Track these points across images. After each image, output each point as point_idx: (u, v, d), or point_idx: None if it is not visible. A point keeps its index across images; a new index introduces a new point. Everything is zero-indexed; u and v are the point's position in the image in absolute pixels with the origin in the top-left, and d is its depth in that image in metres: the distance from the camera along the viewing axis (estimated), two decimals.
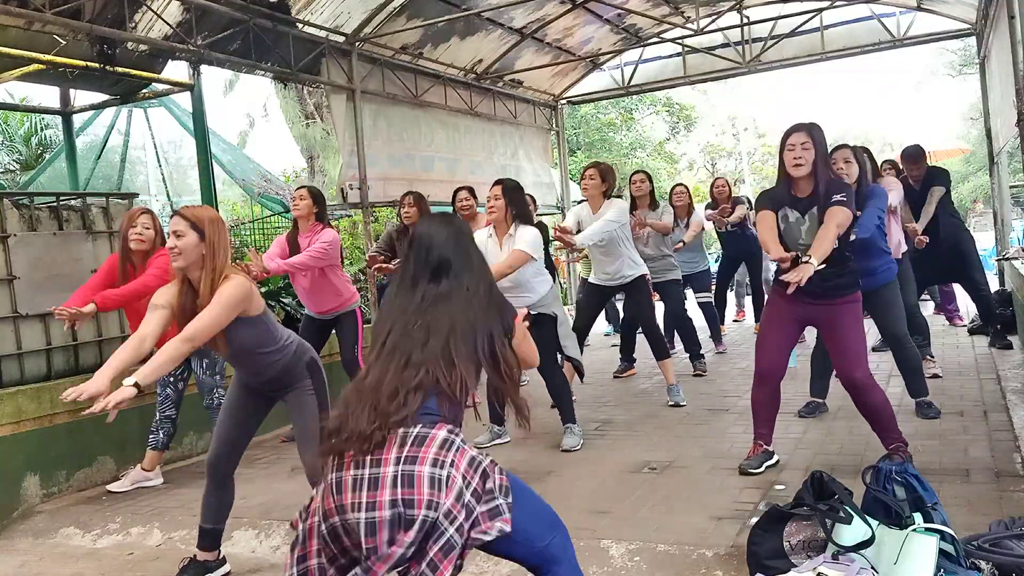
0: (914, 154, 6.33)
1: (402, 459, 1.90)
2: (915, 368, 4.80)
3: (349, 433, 1.97)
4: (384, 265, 5.92)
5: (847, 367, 3.80)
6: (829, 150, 4.23)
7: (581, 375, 5.00)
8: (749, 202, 8.20)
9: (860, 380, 3.79)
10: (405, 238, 6.02)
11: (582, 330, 5.66)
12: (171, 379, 4.75)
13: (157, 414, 4.80)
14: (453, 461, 1.92)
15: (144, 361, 2.90)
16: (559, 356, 4.92)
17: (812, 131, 3.69)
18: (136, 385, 2.70)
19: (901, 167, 6.62)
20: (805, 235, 3.73)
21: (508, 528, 1.96)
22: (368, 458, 1.92)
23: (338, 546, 1.98)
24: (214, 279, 3.02)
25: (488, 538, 1.95)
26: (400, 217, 6.18)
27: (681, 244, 7.11)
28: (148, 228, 4.59)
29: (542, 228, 6.47)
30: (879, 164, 5.98)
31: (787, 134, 3.74)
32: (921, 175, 6.26)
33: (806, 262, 3.49)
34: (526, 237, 4.60)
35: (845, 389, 3.90)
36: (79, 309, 4.31)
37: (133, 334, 3.02)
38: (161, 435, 4.79)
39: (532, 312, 4.65)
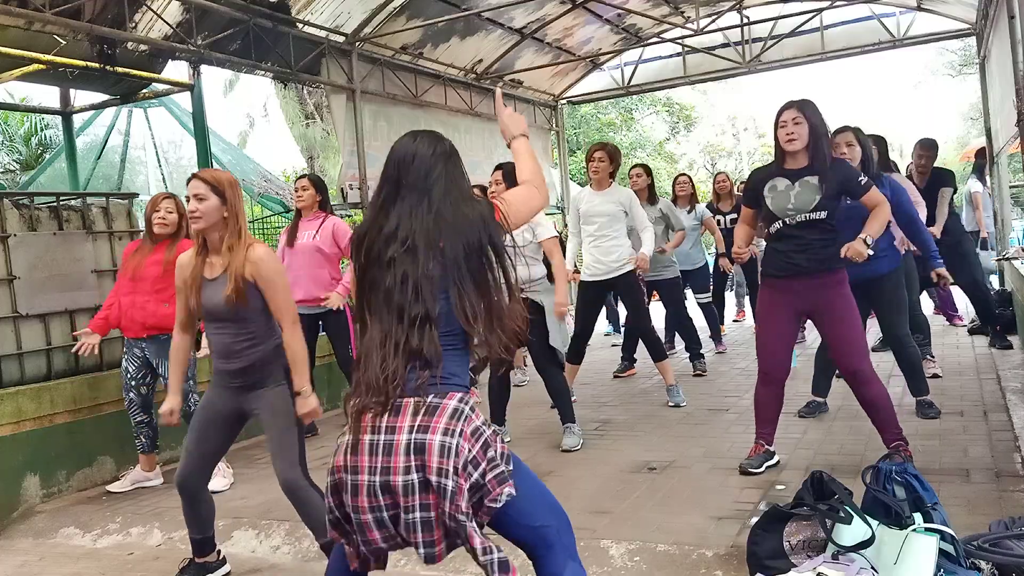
0: (931, 144, 6.37)
1: (415, 428, 1.97)
2: (916, 368, 4.80)
3: (368, 389, 2.01)
4: None
5: (847, 359, 3.79)
6: (832, 132, 4.27)
7: (560, 365, 5.00)
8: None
9: (861, 371, 3.78)
10: None
11: (583, 333, 5.63)
12: (132, 383, 4.65)
13: (131, 420, 4.75)
14: (462, 431, 1.98)
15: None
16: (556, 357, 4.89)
17: (803, 107, 3.75)
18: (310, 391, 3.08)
19: (914, 155, 6.59)
20: (795, 200, 3.74)
21: (514, 492, 2.02)
22: (384, 424, 1.98)
23: (335, 499, 2.06)
24: (234, 240, 3.05)
25: (499, 504, 2.00)
26: None
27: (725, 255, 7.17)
28: (171, 212, 4.57)
29: None
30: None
31: (779, 112, 3.80)
32: (930, 166, 6.29)
33: (862, 239, 3.59)
34: (544, 223, 4.70)
35: (846, 381, 3.89)
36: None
37: (175, 343, 3.31)
38: (143, 439, 4.76)
39: (526, 295, 4.67)
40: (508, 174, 4.72)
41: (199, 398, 4.61)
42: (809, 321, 4.49)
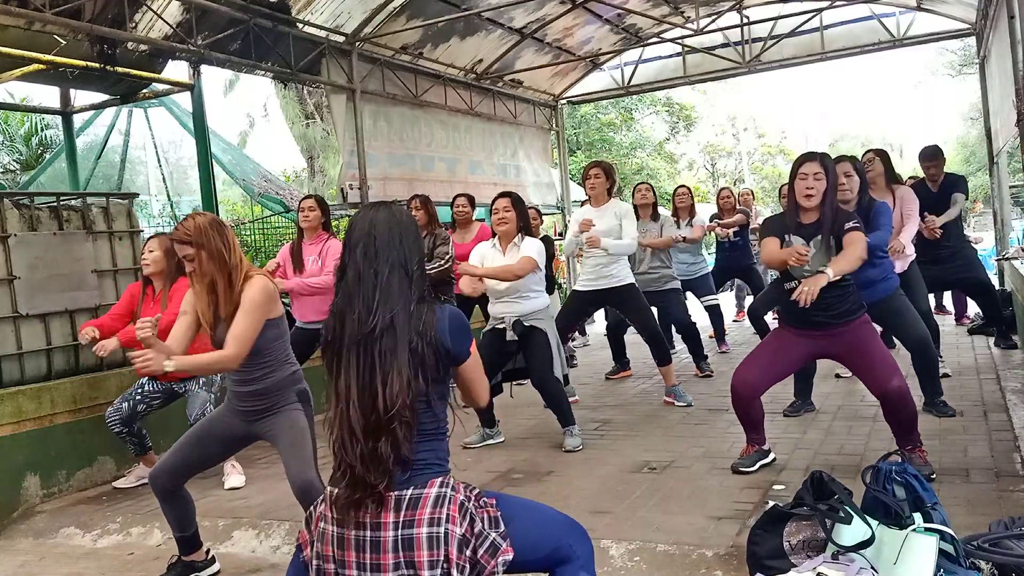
0: (932, 152, 6.34)
1: (400, 524, 1.96)
2: (935, 371, 4.78)
3: (350, 481, 1.98)
4: None
5: (882, 381, 3.67)
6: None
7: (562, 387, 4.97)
8: (747, 215, 8.17)
9: (896, 391, 3.66)
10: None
11: (560, 334, 5.62)
12: (139, 395, 4.61)
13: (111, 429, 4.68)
14: (449, 515, 1.97)
15: None
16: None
17: (825, 160, 3.71)
18: (172, 368, 2.85)
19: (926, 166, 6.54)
20: (811, 262, 3.67)
21: (511, 556, 2.01)
22: (368, 520, 1.97)
23: None
24: (230, 278, 3.06)
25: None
26: None
27: (682, 239, 7.12)
28: (152, 251, 4.59)
29: (547, 242, 6.50)
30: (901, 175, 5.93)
31: (800, 162, 3.75)
32: (939, 174, 6.26)
33: (821, 271, 3.49)
34: (534, 246, 4.72)
35: (879, 401, 3.78)
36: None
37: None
38: (130, 447, 4.76)
39: (524, 324, 4.68)
40: (516, 203, 4.82)
41: (213, 409, 4.58)
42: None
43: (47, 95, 12.39)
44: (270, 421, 3.17)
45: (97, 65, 6.03)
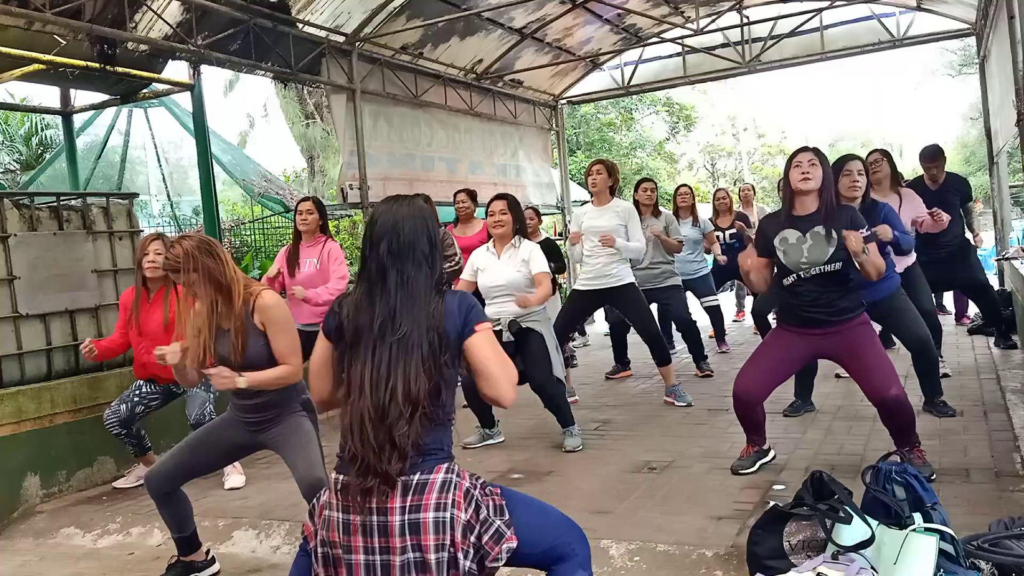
0: (933, 153, 6.32)
1: (407, 508, 1.99)
2: (935, 371, 4.78)
3: (359, 467, 1.99)
4: None
5: (880, 388, 3.65)
6: (839, 157, 4.38)
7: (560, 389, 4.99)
8: (747, 220, 8.17)
9: (894, 399, 3.64)
10: None
11: (561, 334, 5.61)
12: (136, 397, 4.62)
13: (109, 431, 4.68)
14: (454, 500, 2.00)
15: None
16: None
17: (817, 152, 3.76)
18: (245, 385, 3.01)
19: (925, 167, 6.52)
20: (808, 253, 3.67)
21: (514, 544, 2.03)
22: (375, 505, 1.99)
23: (327, 571, 2.07)
24: (229, 294, 3.07)
25: (501, 563, 2.03)
26: None
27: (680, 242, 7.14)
28: (160, 253, 4.51)
29: (551, 245, 6.50)
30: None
31: (793, 154, 3.81)
32: (940, 174, 6.25)
33: (867, 240, 3.55)
34: (538, 257, 4.70)
35: (876, 406, 3.76)
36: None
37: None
38: (130, 448, 4.76)
39: (522, 324, 4.67)
40: (513, 205, 4.81)
41: (214, 410, 4.55)
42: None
43: (47, 95, 12.41)
44: (275, 429, 3.18)
45: (97, 65, 6.02)
